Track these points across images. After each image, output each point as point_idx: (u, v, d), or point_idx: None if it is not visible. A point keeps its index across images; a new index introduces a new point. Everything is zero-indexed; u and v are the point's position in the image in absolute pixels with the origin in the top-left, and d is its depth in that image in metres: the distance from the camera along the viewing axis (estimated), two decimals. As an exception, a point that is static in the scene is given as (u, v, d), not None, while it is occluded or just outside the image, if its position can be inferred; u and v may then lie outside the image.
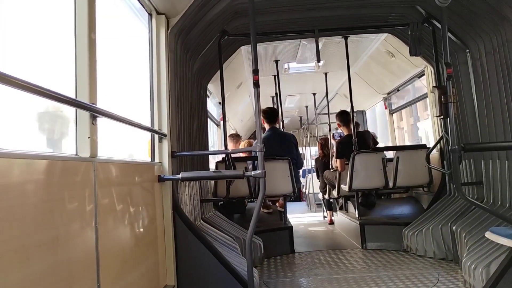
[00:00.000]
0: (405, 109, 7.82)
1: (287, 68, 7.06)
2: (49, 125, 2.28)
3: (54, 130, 2.30)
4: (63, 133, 2.31)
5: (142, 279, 2.53)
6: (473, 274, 3.02)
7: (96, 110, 1.95)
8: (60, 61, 2.12)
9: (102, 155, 2.05)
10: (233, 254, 3.55)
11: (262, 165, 2.82)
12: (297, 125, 13.32)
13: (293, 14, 4.32)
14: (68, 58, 1.94)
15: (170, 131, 3.15)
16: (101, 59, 2.06)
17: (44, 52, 2.07)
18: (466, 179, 4.23)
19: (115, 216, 2.17)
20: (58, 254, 1.57)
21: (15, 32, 1.84)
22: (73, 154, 1.92)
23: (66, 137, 2.21)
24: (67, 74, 1.94)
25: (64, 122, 2.23)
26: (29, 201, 1.43)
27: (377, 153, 5.18)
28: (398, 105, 7.61)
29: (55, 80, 2.01)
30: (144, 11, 3.14)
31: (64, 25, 2.00)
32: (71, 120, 2.00)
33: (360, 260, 4.45)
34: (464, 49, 4.07)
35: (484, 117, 3.84)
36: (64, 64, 1.99)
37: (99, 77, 2.04)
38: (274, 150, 5.17)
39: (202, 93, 4.81)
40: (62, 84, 1.96)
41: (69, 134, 2.07)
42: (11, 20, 1.80)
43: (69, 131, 2.04)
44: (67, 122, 2.16)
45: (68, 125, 2.14)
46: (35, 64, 1.98)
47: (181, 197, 3.30)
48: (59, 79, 2.07)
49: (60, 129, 2.29)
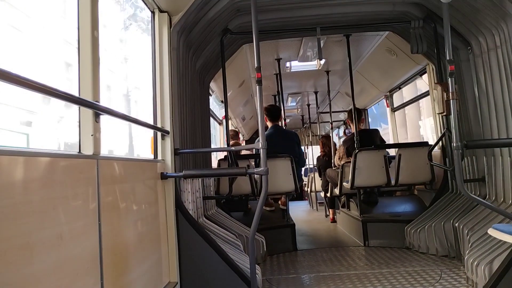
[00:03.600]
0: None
1: (289, 66, 7.05)
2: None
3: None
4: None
5: (145, 276, 2.54)
6: (475, 271, 3.02)
7: (99, 107, 1.95)
8: (64, 59, 2.13)
9: (104, 153, 2.06)
10: (235, 251, 3.56)
11: (264, 162, 2.82)
12: (299, 124, 13.31)
13: (295, 12, 4.33)
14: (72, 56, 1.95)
15: (173, 128, 3.15)
16: (104, 57, 2.06)
17: (48, 50, 2.08)
18: (468, 176, 4.22)
19: (118, 214, 2.17)
20: (62, 251, 1.58)
21: (19, 32, 1.85)
22: (77, 151, 1.92)
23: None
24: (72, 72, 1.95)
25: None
26: (32, 199, 1.44)
27: (379, 151, 5.18)
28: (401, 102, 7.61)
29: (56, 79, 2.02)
30: (146, 9, 3.14)
31: (68, 23, 2.01)
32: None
33: (363, 257, 4.45)
34: (466, 46, 4.06)
35: (486, 113, 3.84)
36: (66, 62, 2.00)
37: (102, 75, 2.05)
38: (277, 148, 5.18)
39: (204, 91, 4.81)
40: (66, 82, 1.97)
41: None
42: (12, 20, 1.81)
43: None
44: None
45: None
46: (38, 63, 1.99)
47: (183, 194, 3.31)
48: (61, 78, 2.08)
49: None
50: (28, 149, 1.50)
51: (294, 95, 9.61)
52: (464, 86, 4.20)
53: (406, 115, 9.04)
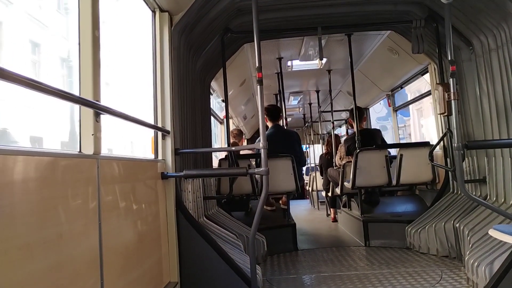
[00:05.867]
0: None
1: (290, 65, 7.04)
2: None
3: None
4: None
5: (145, 276, 2.54)
6: (476, 271, 3.02)
7: (100, 107, 1.95)
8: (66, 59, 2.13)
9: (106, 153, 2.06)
10: (236, 251, 3.56)
11: (265, 162, 2.82)
12: (301, 123, 13.30)
13: (296, 12, 4.32)
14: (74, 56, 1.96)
15: (174, 128, 3.15)
16: (105, 56, 2.06)
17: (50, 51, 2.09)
18: (469, 177, 4.22)
19: (118, 213, 2.17)
20: (62, 251, 1.58)
21: (20, 32, 1.85)
22: (77, 151, 1.92)
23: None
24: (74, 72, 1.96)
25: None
26: (33, 198, 1.44)
27: (381, 151, 5.17)
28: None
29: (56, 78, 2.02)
30: (147, 8, 3.14)
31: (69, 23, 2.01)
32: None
33: (363, 257, 4.45)
34: (468, 46, 4.05)
35: (487, 114, 3.83)
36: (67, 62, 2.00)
37: (103, 75, 2.05)
38: (277, 148, 5.17)
39: (205, 91, 4.81)
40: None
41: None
42: (14, 20, 1.81)
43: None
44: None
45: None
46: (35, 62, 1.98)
47: (184, 194, 3.31)
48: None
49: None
50: (28, 149, 1.50)
51: (295, 94, 9.61)
52: (465, 86, 4.20)
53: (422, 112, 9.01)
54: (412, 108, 26.08)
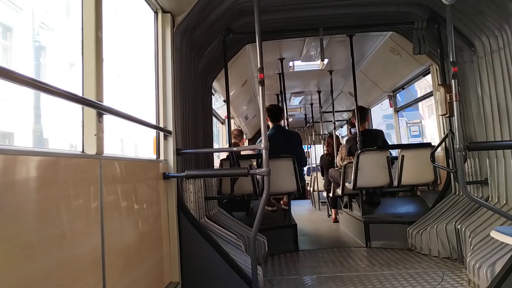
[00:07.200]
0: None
1: (292, 66, 7.05)
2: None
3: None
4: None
5: (147, 276, 2.54)
6: (477, 273, 3.01)
7: (103, 107, 1.96)
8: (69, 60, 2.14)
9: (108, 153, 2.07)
10: (237, 251, 3.56)
11: (266, 163, 2.82)
12: (302, 123, 13.31)
13: (297, 13, 4.32)
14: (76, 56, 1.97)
15: (175, 128, 3.16)
16: (108, 57, 2.07)
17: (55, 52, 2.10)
18: (471, 178, 4.21)
19: (120, 213, 2.18)
20: (64, 251, 1.58)
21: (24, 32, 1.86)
22: (80, 151, 1.93)
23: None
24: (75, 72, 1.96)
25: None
26: (35, 198, 1.44)
27: (382, 152, 5.17)
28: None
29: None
30: (150, 9, 3.15)
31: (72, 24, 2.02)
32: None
33: (364, 258, 4.45)
34: (470, 47, 4.05)
35: (489, 115, 3.83)
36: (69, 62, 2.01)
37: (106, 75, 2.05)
38: (278, 148, 5.17)
39: (207, 91, 4.82)
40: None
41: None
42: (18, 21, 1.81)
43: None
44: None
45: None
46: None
47: (185, 194, 3.31)
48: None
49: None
50: (31, 149, 1.51)
51: (297, 94, 9.62)
52: (467, 87, 4.19)
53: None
54: (422, 105, 25.89)
